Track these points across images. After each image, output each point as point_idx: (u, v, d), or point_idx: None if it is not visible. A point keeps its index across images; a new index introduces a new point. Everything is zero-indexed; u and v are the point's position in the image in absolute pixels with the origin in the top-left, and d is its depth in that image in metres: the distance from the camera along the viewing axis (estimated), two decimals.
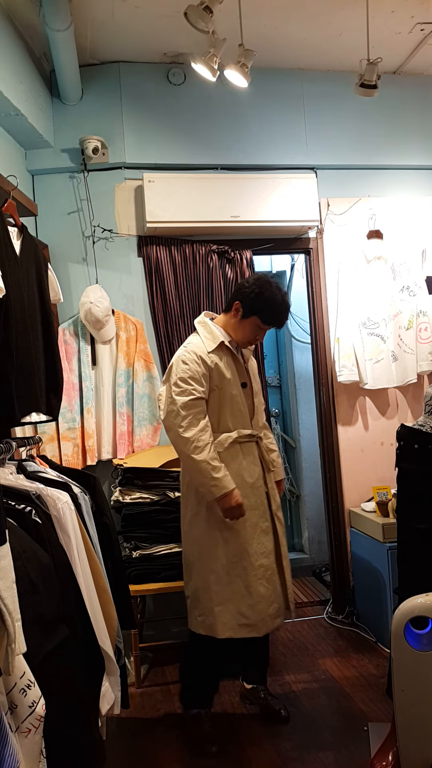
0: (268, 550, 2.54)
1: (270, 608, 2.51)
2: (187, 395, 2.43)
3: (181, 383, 2.45)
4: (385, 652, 3.09)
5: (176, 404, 2.42)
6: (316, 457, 3.84)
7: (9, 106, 2.71)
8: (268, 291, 2.51)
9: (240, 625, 2.46)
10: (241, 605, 2.46)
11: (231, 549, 2.48)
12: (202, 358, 2.48)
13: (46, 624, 1.55)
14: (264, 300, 2.51)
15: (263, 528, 2.54)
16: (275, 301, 2.52)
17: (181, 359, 2.49)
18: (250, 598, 2.47)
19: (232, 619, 2.46)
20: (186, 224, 3.29)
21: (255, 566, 2.49)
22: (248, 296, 2.53)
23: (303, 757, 2.35)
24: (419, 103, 3.74)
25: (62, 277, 3.20)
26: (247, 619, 2.46)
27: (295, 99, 3.58)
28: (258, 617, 2.47)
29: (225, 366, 2.53)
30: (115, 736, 2.57)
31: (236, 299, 2.56)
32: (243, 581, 2.47)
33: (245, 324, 2.56)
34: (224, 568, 2.47)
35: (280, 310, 2.55)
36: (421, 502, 2.27)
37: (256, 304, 2.52)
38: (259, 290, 2.51)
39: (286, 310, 2.58)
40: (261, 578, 2.49)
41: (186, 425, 2.40)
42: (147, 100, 3.41)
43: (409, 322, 3.56)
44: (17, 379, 1.91)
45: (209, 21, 2.52)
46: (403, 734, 1.92)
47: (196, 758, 2.40)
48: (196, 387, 2.45)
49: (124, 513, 3.02)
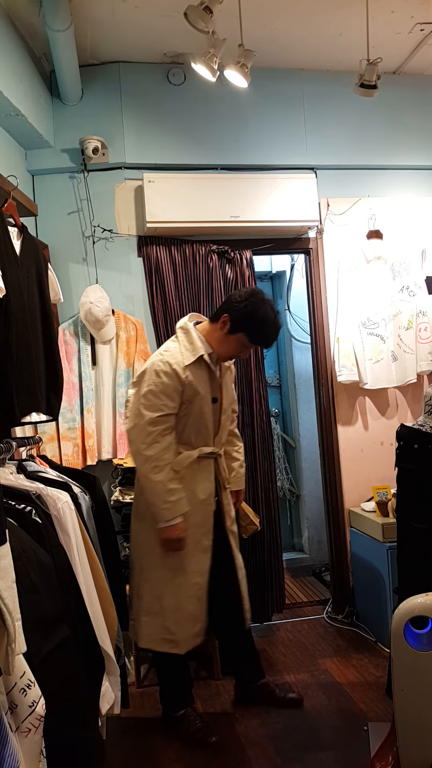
0: (204, 569, 2.49)
1: (195, 627, 2.48)
2: (156, 410, 2.36)
3: (151, 396, 2.37)
4: (385, 651, 3.09)
5: (143, 418, 2.36)
6: (316, 457, 3.84)
7: (9, 106, 2.71)
8: (261, 310, 2.41)
9: (163, 639, 2.45)
10: (167, 620, 2.44)
11: (168, 563, 2.45)
12: (177, 372, 2.39)
13: (46, 624, 1.55)
14: (256, 319, 2.42)
15: (204, 546, 2.50)
16: (267, 321, 2.43)
17: (155, 369, 2.40)
18: (179, 615, 2.44)
19: (156, 632, 2.45)
20: (186, 224, 3.29)
21: (189, 584, 2.45)
22: (238, 312, 2.42)
23: (303, 757, 2.35)
24: (419, 103, 3.74)
25: (62, 277, 3.20)
26: (172, 635, 2.44)
27: (295, 99, 3.58)
28: (183, 635, 2.45)
29: (199, 381, 2.44)
30: (115, 736, 2.57)
31: (225, 312, 2.46)
32: (175, 597, 2.44)
33: (230, 339, 2.47)
34: (158, 580, 2.45)
35: (271, 330, 2.47)
36: (420, 502, 2.27)
37: (246, 322, 2.42)
38: (252, 308, 2.41)
39: (277, 330, 2.50)
40: (192, 596, 2.46)
41: (149, 442, 2.35)
42: (147, 100, 3.41)
43: (408, 322, 3.56)
44: (17, 379, 1.91)
45: (209, 21, 2.52)
46: (403, 734, 1.92)
47: (196, 758, 2.40)
48: (167, 402, 2.37)
49: (124, 513, 3.02)
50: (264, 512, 3.43)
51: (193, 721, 2.54)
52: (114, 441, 3.28)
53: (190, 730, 2.51)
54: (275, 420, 4.84)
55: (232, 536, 2.62)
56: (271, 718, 2.62)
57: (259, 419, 3.45)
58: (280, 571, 3.50)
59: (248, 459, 3.42)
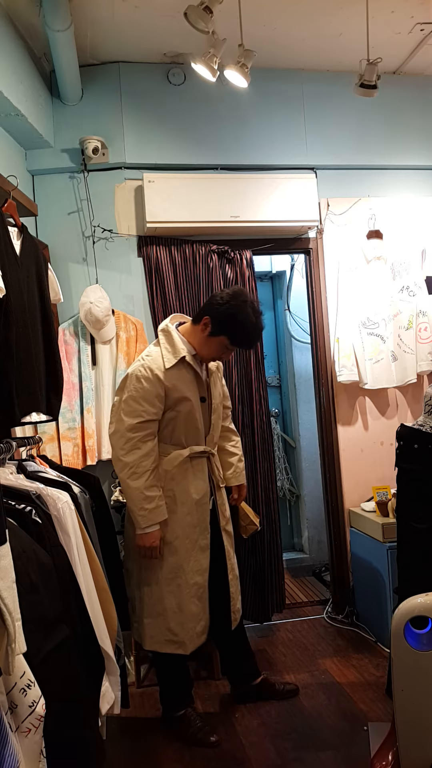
0: (203, 567, 2.51)
1: (198, 626, 2.49)
2: (136, 416, 2.35)
3: (131, 402, 2.37)
4: (385, 651, 3.09)
5: (123, 424, 2.36)
6: (316, 457, 3.84)
7: (9, 106, 2.71)
8: (243, 312, 2.40)
9: (167, 640, 2.45)
10: (170, 622, 2.44)
11: (167, 565, 2.45)
12: (158, 376, 2.38)
13: (46, 624, 1.55)
14: (237, 322, 2.40)
15: (201, 545, 2.51)
16: (248, 324, 2.42)
17: (136, 375, 2.40)
18: (181, 616, 2.45)
19: (160, 634, 2.45)
20: (186, 224, 3.29)
21: (189, 584, 2.46)
22: (220, 314, 2.41)
23: (303, 757, 2.35)
24: (419, 103, 3.74)
25: (62, 277, 3.20)
26: (176, 636, 2.45)
27: (295, 99, 3.58)
28: (186, 635, 2.46)
29: (183, 383, 2.44)
30: (115, 736, 2.57)
31: (206, 314, 2.44)
32: (176, 598, 2.45)
33: (212, 342, 2.46)
34: (158, 583, 2.46)
35: (253, 332, 2.46)
36: (420, 502, 2.27)
37: (227, 325, 2.41)
38: (234, 311, 2.39)
39: (259, 333, 2.48)
40: (193, 596, 2.47)
41: (128, 448, 2.35)
42: (147, 100, 3.41)
43: (408, 322, 3.56)
44: (17, 379, 1.91)
45: (209, 21, 2.52)
46: (403, 734, 1.92)
47: (196, 758, 2.40)
48: (147, 408, 2.37)
49: (124, 513, 3.01)
50: (264, 512, 3.43)
51: (193, 721, 2.54)
52: None
53: (190, 730, 2.51)
54: (275, 420, 4.84)
55: (227, 536, 2.62)
56: (271, 718, 2.63)
57: (259, 419, 3.45)
58: (280, 571, 3.50)
59: (248, 459, 3.42)
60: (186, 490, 2.47)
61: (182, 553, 2.46)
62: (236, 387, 3.40)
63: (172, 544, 2.46)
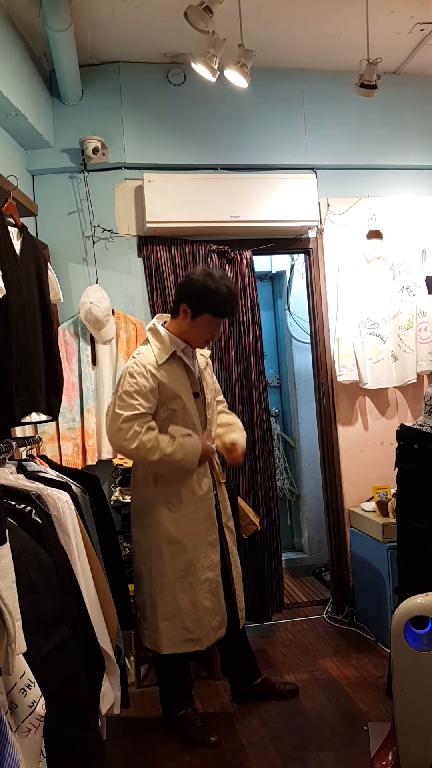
0: (214, 563, 2.51)
1: (213, 621, 2.49)
2: (131, 410, 2.36)
3: (126, 397, 2.38)
4: (385, 651, 3.09)
5: (118, 419, 2.36)
6: (316, 457, 3.84)
7: (9, 106, 2.71)
8: (212, 283, 2.40)
9: (184, 640, 2.45)
10: (186, 620, 2.44)
11: (177, 564, 2.45)
12: (152, 372, 2.40)
13: (46, 624, 1.55)
14: (210, 294, 2.40)
15: (210, 541, 2.51)
16: (221, 292, 2.41)
17: (129, 371, 2.41)
18: (196, 613, 2.45)
19: (177, 634, 2.44)
20: (186, 224, 3.29)
21: (201, 580, 2.46)
22: (193, 295, 2.42)
23: (303, 757, 2.35)
24: (419, 103, 3.74)
25: (62, 277, 3.20)
26: (192, 634, 2.45)
27: (295, 99, 3.58)
28: (202, 631, 2.46)
29: (176, 378, 2.45)
30: (115, 736, 2.57)
31: (181, 301, 2.45)
32: (189, 596, 2.45)
33: (197, 324, 2.46)
34: (170, 583, 2.45)
35: (230, 299, 2.44)
36: (420, 502, 2.27)
37: (203, 301, 2.41)
38: (203, 285, 2.40)
39: (235, 298, 2.46)
40: (207, 592, 2.47)
41: (131, 437, 2.34)
42: (147, 100, 3.41)
43: (408, 322, 3.56)
44: (17, 379, 1.91)
45: (209, 21, 2.52)
46: (403, 734, 1.92)
47: (196, 758, 2.40)
48: (142, 402, 2.37)
49: (124, 513, 3.02)
50: (264, 512, 3.43)
51: (193, 721, 2.54)
52: None
53: (190, 730, 2.51)
54: (275, 420, 4.84)
55: (229, 533, 2.62)
56: (271, 718, 2.63)
57: (259, 419, 3.45)
58: (280, 571, 3.50)
59: (248, 459, 3.42)
60: (190, 487, 2.48)
61: (192, 551, 2.46)
62: (236, 387, 3.40)
63: (181, 543, 2.45)
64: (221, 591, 2.53)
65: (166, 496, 2.46)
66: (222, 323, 2.53)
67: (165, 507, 2.46)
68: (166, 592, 2.45)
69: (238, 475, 3.41)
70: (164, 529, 2.44)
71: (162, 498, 2.46)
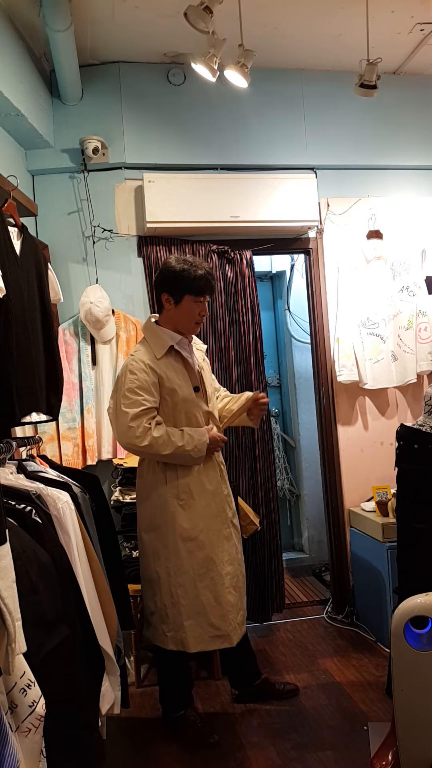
0: (232, 556, 2.52)
1: (238, 616, 2.49)
2: (137, 406, 2.36)
3: (129, 395, 2.38)
4: (385, 651, 3.09)
5: (126, 417, 2.36)
6: (316, 457, 3.84)
7: (9, 106, 2.71)
8: (182, 265, 2.44)
9: (211, 637, 2.43)
10: (211, 617, 2.43)
11: (196, 560, 2.44)
12: (151, 366, 2.41)
13: (46, 624, 1.55)
14: (184, 274, 2.43)
15: (225, 534, 2.51)
16: (194, 271, 2.43)
17: (129, 369, 2.42)
18: (221, 609, 2.44)
19: (203, 632, 2.43)
20: (186, 224, 3.29)
21: (222, 575, 2.45)
22: (169, 281, 2.46)
23: (303, 757, 2.35)
24: (419, 103, 3.74)
25: (62, 277, 3.20)
26: (219, 630, 2.43)
27: (295, 99, 3.58)
28: (229, 627, 2.45)
29: (175, 373, 2.47)
30: (115, 736, 2.57)
31: (161, 292, 2.50)
32: (212, 592, 2.43)
33: (181, 308, 2.48)
34: (191, 580, 2.43)
35: (205, 275, 2.46)
36: (421, 502, 2.27)
37: (180, 284, 2.44)
38: (174, 268, 2.44)
39: (210, 273, 2.49)
40: (229, 586, 2.46)
41: (141, 434, 2.35)
42: (147, 100, 3.41)
43: (408, 322, 3.56)
44: (17, 379, 1.91)
45: (209, 21, 2.52)
46: (403, 734, 1.92)
47: (196, 758, 2.40)
48: (146, 397, 2.38)
49: (124, 513, 3.02)
50: (264, 512, 3.43)
51: (193, 721, 2.54)
52: (114, 441, 3.28)
53: (190, 730, 2.51)
54: (275, 420, 4.84)
55: (234, 530, 2.61)
56: (271, 718, 2.63)
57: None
58: (280, 571, 3.50)
59: (248, 459, 3.42)
60: (200, 481, 2.48)
61: (209, 546, 2.45)
62: (236, 387, 3.40)
63: (197, 539, 2.44)
64: (244, 585, 2.54)
65: (177, 493, 2.45)
66: (206, 301, 2.53)
67: (177, 504, 2.45)
68: (188, 591, 2.43)
69: (238, 475, 3.41)
70: (179, 527, 2.43)
71: (173, 495, 2.45)
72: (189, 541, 2.44)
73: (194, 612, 2.43)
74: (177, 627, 2.44)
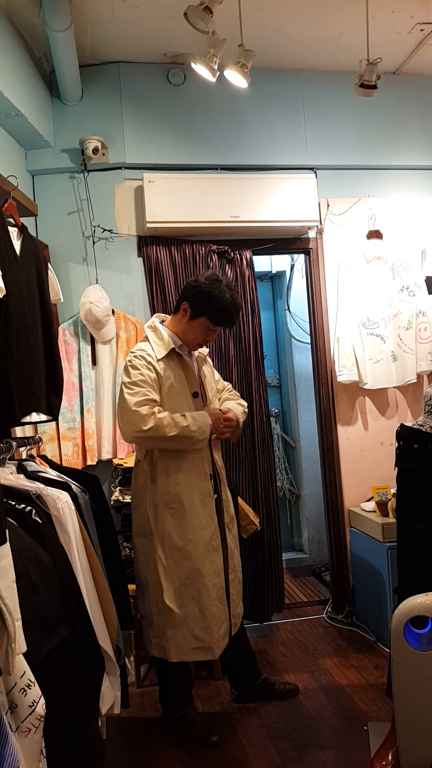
0: (219, 568, 2.48)
1: (222, 628, 2.46)
2: (141, 395, 2.37)
3: (131, 386, 2.40)
4: (385, 651, 3.09)
5: (130, 404, 2.36)
6: (316, 457, 3.84)
7: (9, 106, 2.71)
8: (217, 290, 2.43)
9: (194, 648, 2.41)
10: (195, 628, 2.41)
11: (183, 571, 2.42)
12: (152, 363, 2.43)
13: (46, 624, 1.55)
14: (213, 299, 2.43)
15: (214, 546, 2.47)
16: (224, 301, 2.43)
17: (131, 364, 2.44)
18: (205, 621, 2.41)
19: (186, 642, 2.41)
20: (186, 224, 3.29)
21: (209, 587, 2.42)
22: (197, 296, 2.45)
23: (303, 757, 2.35)
24: (419, 104, 3.74)
25: (62, 277, 3.21)
26: (201, 642, 2.41)
27: (295, 99, 3.59)
28: (212, 639, 2.42)
29: (174, 375, 2.46)
30: (115, 735, 2.57)
31: (184, 299, 2.49)
32: (197, 604, 2.41)
33: (194, 325, 2.48)
34: (177, 590, 2.42)
35: (231, 309, 2.45)
36: (421, 502, 2.27)
37: (204, 305, 2.44)
38: (208, 290, 2.43)
39: (237, 309, 2.48)
40: (214, 599, 2.43)
41: (146, 416, 2.33)
42: (147, 100, 3.41)
43: (408, 322, 3.56)
44: (17, 379, 1.91)
45: (209, 21, 2.52)
46: (403, 734, 1.92)
47: (196, 758, 2.41)
48: (150, 390, 2.40)
49: (124, 513, 3.02)
50: (264, 512, 3.43)
51: (193, 721, 2.54)
52: (114, 441, 3.29)
53: (190, 730, 2.51)
54: (275, 420, 4.84)
55: (231, 536, 2.60)
56: (271, 718, 2.63)
57: (259, 419, 3.45)
58: (280, 571, 3.50)
59: (248, 459, 3.42)
60: (188, 489, 2.45)
61: (196, 557, 2.42)
62: (236, 387, 3.40)
63: (185, 549, 2.42)
64: (225, 597, 2.50)
65: (168, 501, 2.43)
66: (218, 331, 2.54)
67: (168, 512, 2.44)
68: (173, 600, 2.41)
69: (238, 475, 3.41)
70: (167, 535, 2.42)
71: (164, 503, 2.44)
72: (176, 551, 2.42)
73: (178, 622, 2.41)
74: (160, 635, 2.44)
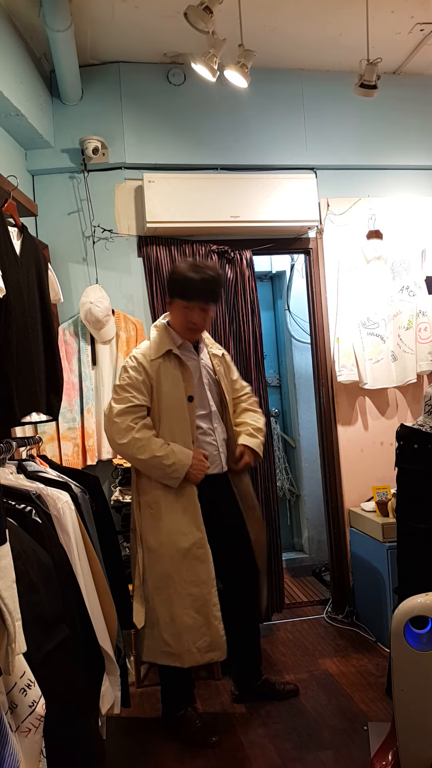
0: (201, 579, 2.40)
1: (199, 641, 2.39)
2: (125, 402, 2.41)
3: (119, 390, 2.44)
4: (385, 651, 3.09)
5: (113, 411, 2.41)
6: (316, 457, 3.84)
7: (9, 106, 2.71)
8: (180, 267, 2.46)
9: (162, 652, 2.41)
10: (164, 632, 2.40)
11: (156, 572, 2.42)
12: (144, 365, 2.44)
13: (46, 624, 1.55)
14: (176, 275, 2.45)
15: (197, 555, 2.40)
16: (187, 274, 2.42)
17: (124, 366, 2.49)
18: (174, 627, 2.39)
19: (155, 645, 2.42)
20: (186, 224, 3.29)
21: (182, 595, 2.39)
22: (168, 282, 2.52)
23: (303, 757, 2.35)
24: (419, 104, 3.74)
25: (62, 277, 3.20)
26: (169, 647, 2.39)
27: (295, 99, 3.58)
28: (182, 648, 2.38)
29: (166, 378, 2.45)
30: (115, 735, 2.57)
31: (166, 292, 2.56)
32: (167, 609, 2.40)
33: (173, 310, 2.52)
34: (150, 591, 2.43)
35: (195, 281, 2.40)
36: (420, 502, 2.27)
37: (173, 284, 2.49)
38: (173, 270, 2.48)
39: (205, 282, 2.41)
40: (188, 608, 2.39)
41: (123, 432, 2.37)
42: (147, 100, 3.41)
43: (408, 322, 3.56)
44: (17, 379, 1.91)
45: (209, 21, 2.52)
46: (403, 734, 1.92)
47: (196, 758, 2.40)
48: (135, 395, 2.42)
49: (124, 513, 3.02)
50: (264, 512, 3.42)
51: (194, 721, 2.54)
52: None
53: (190, 730, 2.51)
54: (275, 420, 4.84)
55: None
56: (271, 718, 2.63)
57: None
58: (280, 571, 3.51)
59: None
60: (169, 496, 2.43)
61: (168, 562, 2.40)
62: None
63: (156, 551, 2.42)
64: (213, 611, 2.40)
65: (149, 501, 2.46)
66: (200, 309, 2.46)
67: (148, 512, 2.46)
68: (147, 600, 2.44)
69: None
70: (144, 536, 2.45)
71: (146, 503, 2.47)
72: (151, 552, 2.44)
73: (150, 622, 2.43)
74: (141, 632, 2.47)
